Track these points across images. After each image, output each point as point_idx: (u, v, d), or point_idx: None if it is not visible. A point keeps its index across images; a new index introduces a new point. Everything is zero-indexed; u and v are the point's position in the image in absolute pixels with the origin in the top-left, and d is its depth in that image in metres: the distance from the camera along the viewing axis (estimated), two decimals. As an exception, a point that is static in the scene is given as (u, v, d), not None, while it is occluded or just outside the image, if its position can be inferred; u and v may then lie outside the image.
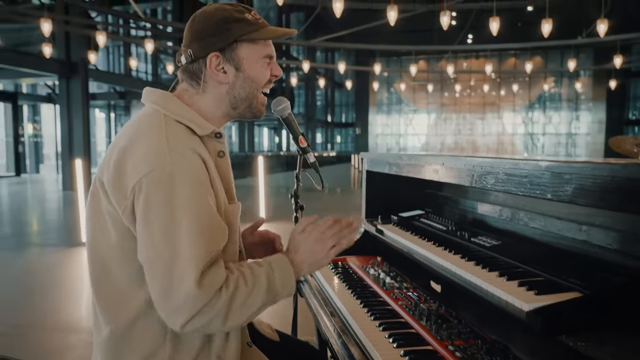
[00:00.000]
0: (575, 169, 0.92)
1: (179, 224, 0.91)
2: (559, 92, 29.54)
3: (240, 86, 1.09)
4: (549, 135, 29.98)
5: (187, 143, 0.99)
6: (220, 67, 1.07)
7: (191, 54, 1.07)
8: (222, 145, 1.08)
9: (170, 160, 0.94)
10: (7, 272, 4.66)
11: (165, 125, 1.00)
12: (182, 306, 0.89)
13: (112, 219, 0.98)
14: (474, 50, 22.18)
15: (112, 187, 0.96)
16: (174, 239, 0.90)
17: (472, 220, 1.74)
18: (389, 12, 6.27)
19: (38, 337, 3.03)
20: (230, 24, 1.06)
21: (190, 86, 1.10)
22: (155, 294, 0.92)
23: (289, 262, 1.03)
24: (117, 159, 0.97)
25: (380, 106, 32.64)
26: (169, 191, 0.91)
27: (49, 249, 5.71)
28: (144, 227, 0.92)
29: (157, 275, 0.91)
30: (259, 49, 1.10)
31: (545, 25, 6.38)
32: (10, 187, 13.53)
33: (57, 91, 13.52)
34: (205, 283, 0.90)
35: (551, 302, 0.91)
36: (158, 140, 0.96)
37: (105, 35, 8.91)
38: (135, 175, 0.93)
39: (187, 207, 0.92)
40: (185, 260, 0.90)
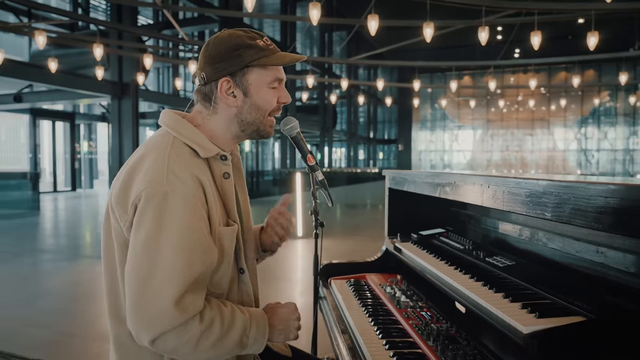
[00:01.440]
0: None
1: (164, 242, 0.95)
2: (614, 106, 28.11)
3: (247, 111, 1.13)
4: (605, 151, 28.49)
5: (187, 166, 1.03)
6: (230, 92, 1.11)
7: (204, 77, 1.12)
8: (228, 167, 1.11)
9: (166, 180, 0.98)
10: (59, 282, 4.93)
11: (171, 147, 1.05)
12: (153, 321, 0.93)
13: (116, 233, 1.04)
14: (518, 65, 21.56)
15: (117, 203, 1.02)
16: (155, 255, 0.95)
17: (494, 240, 1.69)
18: (424, 29, 6.22)
19: (78, 345, 3.17)
20: (242, 50, 1.10)
21: (203, 107, 1.15)
22: (128, 304, 0.96)
23: (267, 324, 1.08)
24: (124, 177, 1.03)
25: (424, 122, 32.23)
26: (159, 209, 0.96)
27: (98, 261, 5.99)
28: (131, 239, 0.98)
29: (132, 286, 0.95)
30: (269, 74, 1.13)
31: (591, 38, 6.11)
32: (67, 202, 14.33)
33: (110, 110, 14.31)
34: (181, 304, 0.94)
35: (551, 325, 0.88)
36: (160, 160, 1.02)
37: (152, 57, 9.39)
38: (135, 192, 0.99)
39: (175, 227, 0.96)
40: (163, 277, 0.94)
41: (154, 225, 0.96)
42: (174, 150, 1.05)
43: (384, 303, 1.58)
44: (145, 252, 0.95)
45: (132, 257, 0.97)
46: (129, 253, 0.98)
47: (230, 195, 1.11)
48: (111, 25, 11.47)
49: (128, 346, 1.06)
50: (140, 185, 0.99)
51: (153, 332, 0.94)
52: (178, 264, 0.95)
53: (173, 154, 1.04)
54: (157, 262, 0.95)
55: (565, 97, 26.81)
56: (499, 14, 7.29)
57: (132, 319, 0.96)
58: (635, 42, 10.31)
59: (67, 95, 13.49)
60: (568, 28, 19.93)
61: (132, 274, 0.96)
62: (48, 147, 17.93)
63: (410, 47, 10.72)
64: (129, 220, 0.99)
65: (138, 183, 0.99)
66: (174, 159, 1.03)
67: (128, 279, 0.97)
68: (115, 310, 1.07)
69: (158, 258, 0.95)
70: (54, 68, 8.90)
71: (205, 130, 1.13)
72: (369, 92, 29.59)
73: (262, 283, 4.70)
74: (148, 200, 0.96)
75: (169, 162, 1.01)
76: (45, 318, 3.69)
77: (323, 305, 1.83)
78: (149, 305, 0.94)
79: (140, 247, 0.96)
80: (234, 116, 1.13)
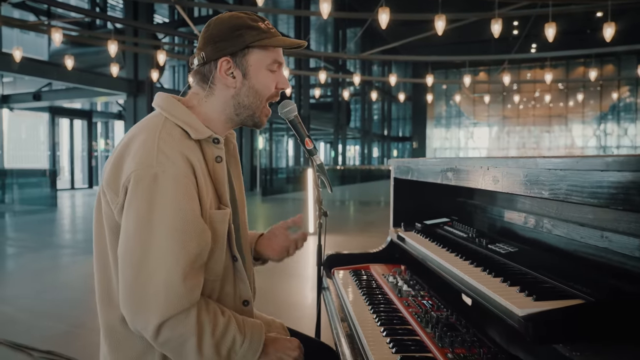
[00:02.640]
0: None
1: (156, 224, 0.94)
2: (635, 101, 27.48)
3: (245, 94, 1.12)
4: (625, 148, 27.87)
5: (178, 147, 1.02)
6: (230, 72, 1.11)
7: (204, 57, 1.11)
8: (220, 150, 1.10)
9: (156, 161, 0.97)
10: (74, 275, 5.01)
11: (162, 127, 1.04)
12: (148, 305, 0.93)
13: (107, 217, 1.03)
14: (533, 59, 21.19)
15: (108, 186, 1.01)
16: (148, 238, 0.93)
17: (499, 228, 1.66)
18: (436, 21, 6.15)
19: (91, 337, 3.21)
20: (243, 30, 1.10)
21: (200, 88, 1.14)
22: (121, 288, 0.96)
23: (262, 343, 1.07)
24: (114, 159, 1.03)
25: (439, 119, 31.96)
26: (150, 191, 0.95)
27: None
28: (123, 222, 0.96)
29: (126, 270, 0.94)
30: (269, 55, 1.13)
31: (607, 29, 5.95)
32: (84, 198, 14.57)
33: (126, 108, 14.50)
34: (177, 289, 0.93)
35: (547, 308, 0.85)
36: (150, 140, 1.01)
37: (165, 53, 9.47)
38: (125, 173, 0.98)
39: (167, 208, 0.95)
40: (158, 259, 0.93)
41: (146, 207, 0.95)
42: (164, 130, 1.04)
43: (385, 292, 1.56)
44: (138, 235, 0.94)
45: (124, 240, 0.96)
46: (120, 237, 0.97)
47: (222, 180, 1.10)
48: (127, 23, 11.60)
49: (119, 332, 1.05)
50: (130, 166, 0.98)
51: (146, 318, 0.93)
52: (172, 245, 0.94)
53: (164, 134, 1.03)
54: (150, 245, 0.94)
55: (584, 92, 26.32)
56: (513, 6, 7.16)
57: (126, 304, 0.96)
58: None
59: (84, 93, 13.71)
60: (586, 21, 19.54)
61: (126, 258, 0.95)
62: (66, 145, 18.24)
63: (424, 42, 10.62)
64: (119, 203, 0.98)
65: (128, 164, 0.99)
66: (164, 138, 1.02)
67: (122, 263, 0.96)
68: (106, 296, 1.07)
69: (151, 240, 0.94)
70: (70, 65, 9.03)
71: (199, 113, 1.12)
72: (382, 88, 29.42)
73: (272, 279, 4.74)
74: (138, 181, 0.95)
75: (159, 142, 1.00)
76: (59, 310, 3.75)
77: (326, 295, 1.82)
78: (144, 289, 0.93)
79: (133, 230, 0.95)
80: (231, 98, 1.12)
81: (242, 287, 1.17)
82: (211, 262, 1.07)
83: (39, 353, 2.78)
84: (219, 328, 1.00)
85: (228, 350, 1.01)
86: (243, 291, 1.17)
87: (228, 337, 1.01)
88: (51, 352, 2.78)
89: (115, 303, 1.04)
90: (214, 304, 1.05)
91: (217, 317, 1.01)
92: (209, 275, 1.08)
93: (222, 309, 1.06)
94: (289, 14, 15.41)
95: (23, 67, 10.12)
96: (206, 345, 0.98)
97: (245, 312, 1.16)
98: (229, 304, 1.13)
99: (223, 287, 1.13)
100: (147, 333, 0.95)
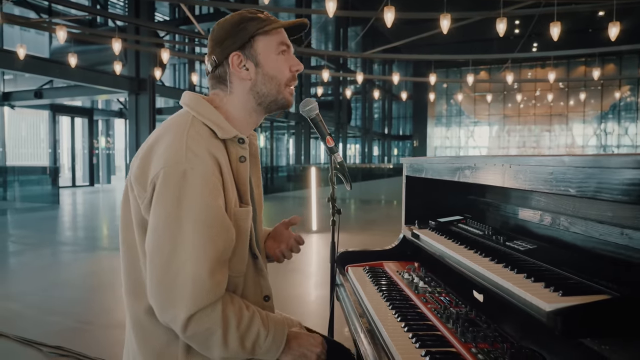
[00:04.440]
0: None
1: (185, 220, 0.95)
2: (635, 101, 27.48)
3: (261, 82, 1.14)
4: (625, 147, 27.88)
5: (205, 145, 1.03)
6: (242, 65, 1.13)
7: (215, 60, 1.13)
8: (245, 150, 1.11)
9: (185, 158, 0.98)
10: (77, 272, 5.02)
11: (190, 125, 1.06)
12: (176, 299, 0.94)
13: (135, 212, 1.04)
14: (537, 58, 21.24)
15: (136, 182, 1.02)
16: (178, 233, 0.95)
17: (514, 226, 1.67)
18: (441, 20, 6.16)
19: (97, 332, 3.23)
20: (245, 23, 1.12)
21: (220, 90, 1.16)
22: (151, 282, 0.97)
23: (284, 339, 1.08)
24: (143, 154, 1.04)
25: (440, 118, 31.96)
26: (179, 187, 0.96)
27: (116, 253, 6.08)
28: (151, 217, 0.98)
29: (156, 264, 0.96)
30: (273, 38, 1.14)
31: (612, 29, 5.96)
32: (85, 196, 14.58)
33: (127, 106, 14.50)
34: (205, 283, 0.95)
35: (575, 303, 0.86)
36: (178, 138, 1.02)
37: (169, 52, 9.47)
38: (154, 170, 0.99)
39: (195, 205, 0.96)
40: (186, 254, 0.94)
41: (174, 204, 0.96)
42: (193, 128, 1.05)
43: (401, 289, 1.57)
44: (167, 230, 0.96)
45: (153, 236, 0.98)
46: (149, 232, 0.99)
47: (245, 180, 1.11)
48: (129, 20, 11.59)
49: (145, 324, 1.07)
50: (159, 163, 0.99)
51: (175, 311, 0.95)
52: (200, 240, 0.96)
53: (192, 132, 1.04)
54: (178, 240, 0.95)
55: (585, 91, 26.33)
56: (517, 5, 7.17)
57: (155, 297, 0.97)
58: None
59: (86, 91, 13.70)
60: (588, 21, 19.54)
61: (154, 253, 0.97)
62: (67, 143, 18.24)
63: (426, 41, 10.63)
64: (147, 199, 0.99)
65: (157, 161, 1.00)
66: (192, 136, 1.03)
67: (150, 257, 0.98)
68: (134, 288, 1.08)
69: (180, 236, 0.95)
70: (73, 63, 9.04)
71: (223, 112, 1.14)
72: (383, 87, 29.42)
73: (277, 276, 4.74)
74: (167, 178, 0.97)
75: (187, 140, 1.02)
76: (65, 306, 3.76)
77: (340, 292, 1.83)
78: (173, 283, 0.95)
79: (162, 226, 0.96)
80: (249, 90, 1.14)
81: (263, 284, 1.19)
82: (235, 259, 1.08)
83: (48, 348, 2.80)
84: (243, 322, 1.01)
85: (252, 344, 1.02)
86: (264, 287, 1.19)
87: (252, 330, 1.03)
88: (60, 347, 2.79)
89: (142, 295, 1.05)
90: (239, 299, 1.07)
91: (242, 311, 1.03)
92: (233, 272, 1.09)
93: (246, 303, 1.08)
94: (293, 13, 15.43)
95: (26, 65, 10.12)
96: (232, 338, 0.99)
97: (266, 307, 1.18)
98: (251, 300, 1.14)
99: (246, 284, 1.14)
100: (176, 326, 0.97)
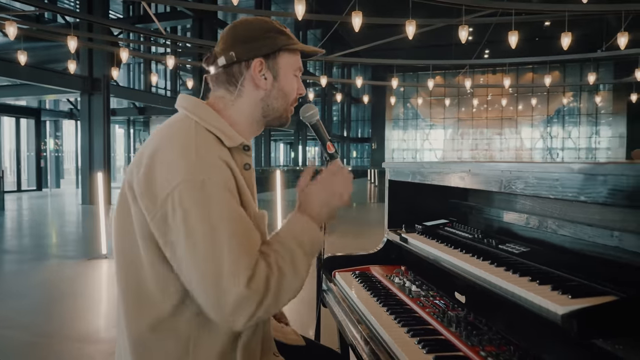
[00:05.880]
0: (610, 171, 0.91)
1: (220, 231, 0.90)
2: (577, 106, 29.15)
3: (274, 96, 1.12)
4: (569, 150, 29.51)
5: (216, 152, 1.00)
6: (262, 74, 1.10)
7: (234, 56, 1.08)
8: (249, 158, 1.08)
9: (200, 168, 0.94)
10: (28, 282, 4.73)
11: (195, 132, 1.01)
12: (239, 309, 0.88)
13: (139, 224, 0.98)
14: (491, 64, 22.15)
15: (142, 194, 0.96)
16: (217, 247, 0.89)
17: (498, 229, 1.72)
18: (407, 26, 6.31)
19: (58, 346, 3.06)
20: (274, 33, 1.11)
21: (226, 91, 1.11)
22: (207, 303, 0.91)
23: (306, 219, 1.04)
24: (147, 164, 0.97)
25: (397, 121, 32.62)
26: (204, 200, 0.91)
27: (68, 261, 5.78)
28: (184, 238, 0.91)
29: (207, 285, 0.89)
30: (295, 61, 1.15)
31: (564, 39, 6.34)
32: (32, 201, 13.81)
33: (79, 107, 13.87)
34: (254, 281, 0.89)
35: (587, 305, 0.90)
36: (187, 148, 0.97)
37: (128, 52, 9.13)
38: (167, 184, 0.93)
39: (224, 214, 0.92)
40: (232, 265, 0.89)
41: (201, 218, 0.90)
42: (199, 136, 1.01)
43: (395, 293, 1.58)
44: (202, 246, 0.90)
45: (192, 255, 0.90)
46: (186, 251, 0.91)
47: (252, 187, 1.08)
48: (82, 17, 11.08)
49: (149, 341, 1.00)
50: (173, 177, 0.93)
51: (245, 318, 0.89)
52: (238, 248, 0.91)
53: (200, 140, 0.99)
54: (221, 254, 0.89)
55: (532, 97, 27.63)
56: (476, 14, 7.46)
57: (215, 313, 0.91)
58: (603, 44, 10.73)
59: (32, 90, 12.98)
60: (536, 30, 20.53)
61: (201, 273, 0.90)
62: (9, 145, 17.22)
63: (384, 46, 10.81)
64: (160, 214, 0.93)
65: (168, 174, 0.94)
66: (202, 144, 0.99)
67: (197, 279, 0.90)
68: (136, 302, 1.01)
69: (217, 247, 0.89)
70: (23, 61, 8.53)
71: (226, 117, 1.10)
72: (343, 90, 29.70)
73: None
74: (188, 193, 0.91)
75: (197, 149, 0.97)
76: (20, 319, 3.55)
77: (328, 298, 1.82)
78: (227, 297, 0.88)
79: (202, 244, 0.90)
80: (260, 100, 1.12)
81: None
82: None
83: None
84: (282, 253, 0.97)
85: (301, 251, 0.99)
86: None
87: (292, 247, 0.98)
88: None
89: (146, 309, 1.00)
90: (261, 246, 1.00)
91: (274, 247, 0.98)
92: None
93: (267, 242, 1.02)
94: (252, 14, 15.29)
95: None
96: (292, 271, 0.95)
97: None
98: None
99: None
100: (253, 321, 0.91)
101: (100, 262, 5.53)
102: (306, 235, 1.01)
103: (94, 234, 7.19)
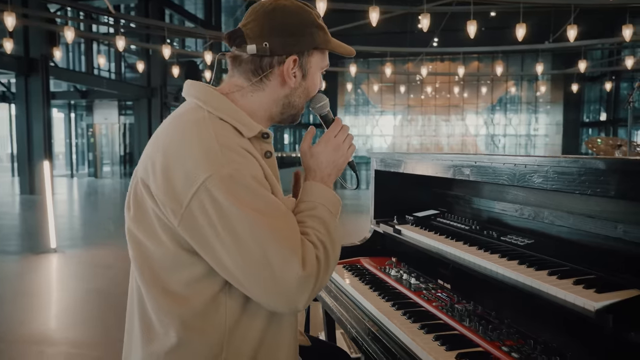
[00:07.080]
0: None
1: (259, 225, 0.86)
2: (519, 95, 30.58)
3: (298, 94, 1.07)
4: (510, 136, 30.96)
5: (237, 142, 0.94)
6: (293, 71, 1.04)
7: (268, 48, 1.00)
8: (270, 145, 1.03)
9: (225, 161, 0.88)
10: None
11: (211, 124, 0.94)
12: (299, 293, 0.88)
13: (162, 224, 0.91)
14: (447, 53, 22.64)
15: (164, 195, 0.89)
16: (263, 237, 0.86)
17: (488, 219, 1.74)
18: (370, 13, 6.33)
19: (13, 349, 2.84)
20: (313, 29, 1.04)
21: (245, 80, 1.04)
22: (264, 294, 0.89)
23: (320, 185, 1.05)
24: (163, 162, 0.90)
25: (348, 107, 32.81)
26: (236, 192, 0.86)
27: (11, 257, 5.39)
28: (223, 238, 0.86)
29: (260, 277, 0.86)
30: (325, 59, 1.10)
31: (519, 30, 6.61)
32: (-37, 191, 12.78)
33: (14, 89, 12.89)
34: (307, 264, 0.89)
35: (618, 299, 0.91)
36: (208, 141, 0.90)
37: (74, 31, 8.51)
38: (191, 182, 0.87)
39: (259, 205, 0.88)
40: (281, 255, 0.86)
41: (237, 215, 0.85)
42: (216, 126, 0.93)
43: (394, 286, 1.56)
44: (245, 242, 0.86)
45: (239, 251, 0.86)
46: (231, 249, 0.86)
47: (276, 175, 1.02)
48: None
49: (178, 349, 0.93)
50: (197, 174, 0.86)
51: (305, 298, 0.90)
52: (282, 233, 0.88)
53: (218, 131, 0.92)
54: (268, 244, 0.86)
55: (477, 85, 28.68)
56: (436, 2, 7.57)
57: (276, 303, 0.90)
58: (550, 35, 11.26)
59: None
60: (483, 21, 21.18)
61: (252, 267, 0.87)
62: None
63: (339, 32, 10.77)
64: (188, 214, 0.87)
65: (191, 172, 0.87)
66: (221, 135, 0.92)
67: (248, 273, 0.87)
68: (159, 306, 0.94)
69: (262, 242, 0.86)
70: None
71: (242, 107, 1.02)
72: (294, 76, 29.51)
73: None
74: (218, 188, 0.86)
75: (218, 140, 0.90)
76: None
77: (322, 292, 1.78)
78: (285, 284, 0.87)
79: (248, 237, 0.86)
80: (283, 97, 1.06)
81: None
82: None
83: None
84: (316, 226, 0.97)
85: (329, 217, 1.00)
86: None
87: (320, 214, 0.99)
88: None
89: (176, 313, 0.92)
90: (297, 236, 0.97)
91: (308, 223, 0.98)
92: None
93: None
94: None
95: None
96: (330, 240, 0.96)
97: None
98: None
99: None
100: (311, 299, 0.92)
101: (49, 257, 5.18)
102: (329, 202, 1.02)
103: (39, 226, 6.73)
